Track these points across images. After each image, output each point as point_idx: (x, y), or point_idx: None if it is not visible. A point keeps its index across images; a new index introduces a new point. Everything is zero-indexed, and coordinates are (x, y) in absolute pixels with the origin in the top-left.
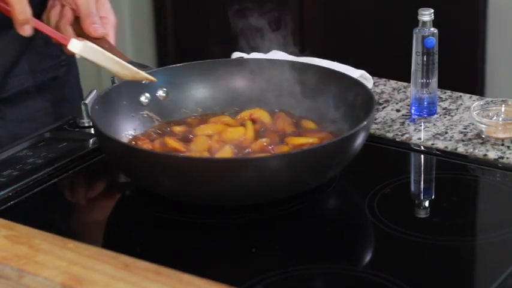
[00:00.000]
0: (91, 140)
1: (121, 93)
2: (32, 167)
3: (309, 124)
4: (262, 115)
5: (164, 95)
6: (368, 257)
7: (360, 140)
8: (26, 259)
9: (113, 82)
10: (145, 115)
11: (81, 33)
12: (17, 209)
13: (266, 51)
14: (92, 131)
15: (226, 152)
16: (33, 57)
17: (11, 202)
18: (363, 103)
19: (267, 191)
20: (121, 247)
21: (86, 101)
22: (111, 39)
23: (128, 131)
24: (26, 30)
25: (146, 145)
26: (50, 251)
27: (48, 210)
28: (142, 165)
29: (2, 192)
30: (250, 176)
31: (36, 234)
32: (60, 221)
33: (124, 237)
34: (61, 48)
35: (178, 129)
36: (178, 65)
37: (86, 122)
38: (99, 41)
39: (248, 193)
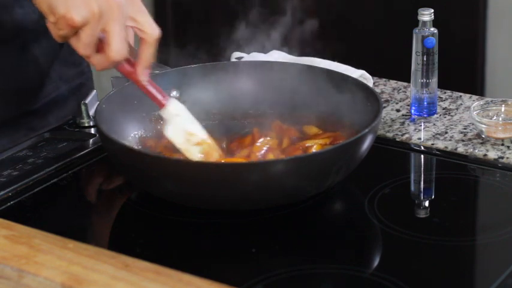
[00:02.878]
0: (91, 140)
1: (133, 93)
2: (32, 167)
3: (312, 130)
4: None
5: (178, 95)
6: (368, 257)
7: (367, 142)
8: (26, 259)
9: (113, 84)
10: (157, 115)
11: None
12: (17, 209)
13: (266, 52)
14: (92, 131)
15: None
16: (60, 66)
17: (11, 202)
18: (370, 105)
19: (271, 196)
20: (121, 247)
21: (86, 101)
22: (130, 38)
23: (137, 131)
24: (145, 75)
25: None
26: (50, 251)
27: (48, 210)
28: (144, 169)
29: (2, 192)
30: (255, 180)
31: (36, 234)
32: (60, 221)
33: (124, 237)
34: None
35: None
36: (192, 65)
37: (86, 122)
38: None
39: (252, 198)
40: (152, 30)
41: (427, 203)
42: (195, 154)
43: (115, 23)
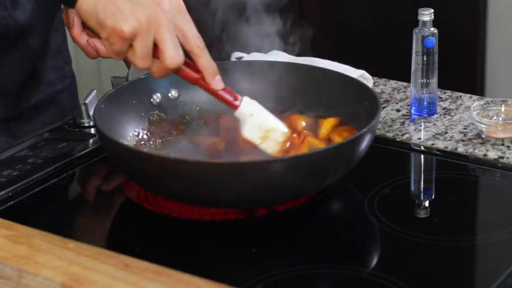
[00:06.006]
0: (91, 140)
1: (131, 92)
2: (32, 167)
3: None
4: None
5: (176, 95)
6: (368, 257)
7: (366, 142)
8: (26, 259)
9: (113, 83)
10: (156, 115)
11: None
12: (17, 209)
13: (266, 51)
14: (92, 131)
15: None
16: (43, 70)
17: (11, 202)
18: (368, 105)
19: (270, 195)
20: (121, 247)
21: (86, 101)
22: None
23: (136, 129)
24: (219, 83)
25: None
26: (50, 251)
27: (48, 210)
28: (144, 169)
29: (2, 192)
30: (254, 179)
31: (36, 234)
32: (60, 221)
33: (124, 237)
34: (65, 59)
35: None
36: None
37: (86, 122)
38: None
39: (251, 197)
40: (196, 40)
41: (427, 203)
42: (274, 153)
43: (165, 30)
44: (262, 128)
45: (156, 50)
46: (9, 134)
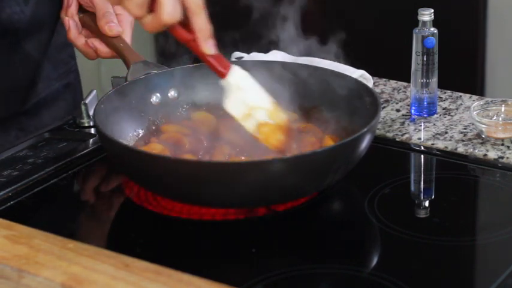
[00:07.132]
0: (91, 140)
1: (131, 92)
2: (32, 167)
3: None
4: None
5: (176, 95)
6: (368, 257)
7: (366, 142)
8: (26, 259)
9: (113, 83)
10: (156, 115)
11: (96, 31)
12: (17, 209)
13: (266, 51)
14: (92, 131)
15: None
16: (49, 65)
17: (11, 202)
18: (368, 105)
19: (270, 196)
20: (121, 247)
21: (86, 101)
22: (127, 37)
23: (136, 129)
24: (211, 47)
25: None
26: (50, 251)
27: (48, 210)
28: (143, 169)
29: (2, 192)
30: (254, 179)
31: (36, 234)
32: (60, 221)
33: (124, 237)
34: (71, 54)
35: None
36: (190, 65)
37: (85, 122)
38: (114, 39)
39: (251, 197)
40: None
41: (427, 203)
42: (254, 132)
43: None
44: (247, 105)
45: (153, 4)
46: (20, 128)
